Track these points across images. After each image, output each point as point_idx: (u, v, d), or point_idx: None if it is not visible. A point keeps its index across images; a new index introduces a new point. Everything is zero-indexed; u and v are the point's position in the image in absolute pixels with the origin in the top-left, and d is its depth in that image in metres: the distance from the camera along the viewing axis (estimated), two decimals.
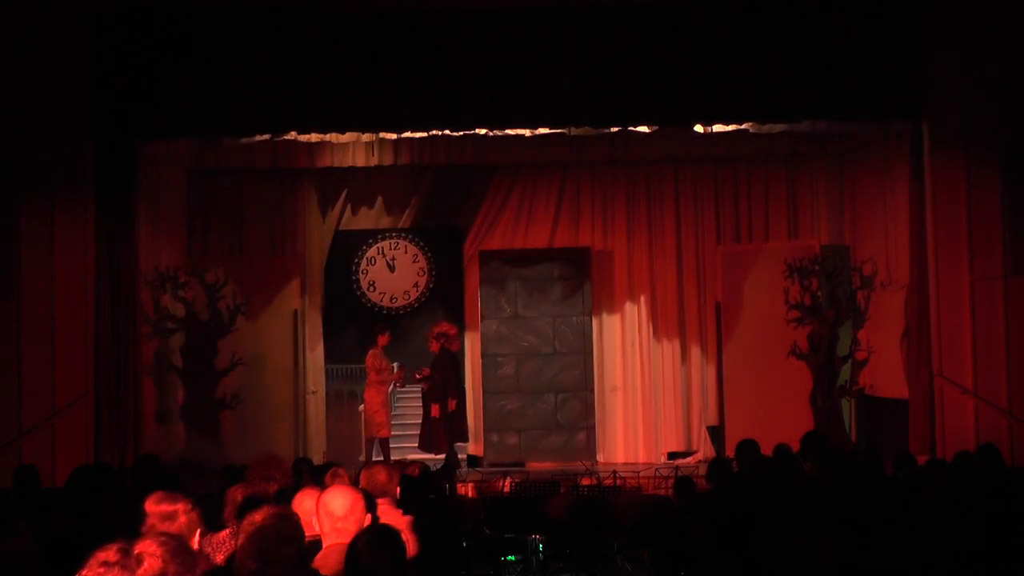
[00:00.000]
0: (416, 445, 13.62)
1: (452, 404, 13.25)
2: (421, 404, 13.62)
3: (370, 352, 13.47)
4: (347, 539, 4.30)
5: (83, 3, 11.74)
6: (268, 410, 14.00)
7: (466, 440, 13.79)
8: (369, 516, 4.48)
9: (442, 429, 13.20)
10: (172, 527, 4.60)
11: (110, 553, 3.51)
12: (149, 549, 3.63)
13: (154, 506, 4.68)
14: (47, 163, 11.63)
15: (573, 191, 15.00)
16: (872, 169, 13.68)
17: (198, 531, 4.80)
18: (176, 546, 3.72)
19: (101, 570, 3.47)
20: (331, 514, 4.33)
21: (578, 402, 14.35)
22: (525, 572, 10.02)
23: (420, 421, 13.62)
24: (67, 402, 11.53)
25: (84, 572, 3.49)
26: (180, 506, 4.68)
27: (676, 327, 14.78)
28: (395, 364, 13.75)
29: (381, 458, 12.96)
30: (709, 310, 14.75)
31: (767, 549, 5.56)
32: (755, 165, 14.80)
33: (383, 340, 13.48)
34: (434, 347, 13.39)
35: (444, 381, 13.30)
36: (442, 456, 13.06)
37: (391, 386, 13.66)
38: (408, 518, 5.80)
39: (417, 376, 13.38)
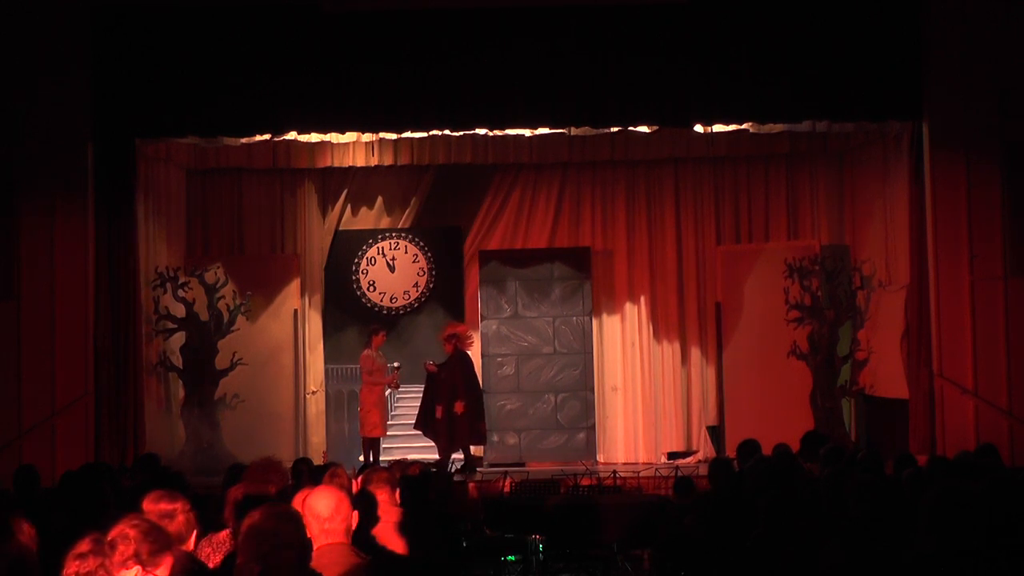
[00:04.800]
0: (415, 444, 13.62)
1: (459, 407, 13.14)
2: (421, 401, 13.49)
3: (364, 352, 13.44)
4: (336, 539, 4.32)
5: (83, 3, 11.75)
6: (268, 410, 14.00)
7: (484, 442, 13.66)
8: (356, 514, 4.49)
9: (445, 431, 13.13)
10: (170, 527, 4.61)
11: (83, 545, 3.59)
12: (122, 532, 3.70)
13: (152, 505, 4.69)
14: (47, 163, 11.65)
15: (573, 191, 15.00)
16: (872, 169, 13.68)
17: (195, 531, 4.81)
18: (148, 527, 3.78)
19: (76, 564, 3.55)
20: (318, 516, 4.34)
21: (578, 402, 14.36)
22: (525, 572, 10.02)
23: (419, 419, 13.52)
24: (67, 402, 11.54)
25: (64, 572, 3.55)
26: (178, 505, 4.70)
27: (676, 327, 14.78)
28: (393, 365, 13.64)
29: (383, 458, 12.95)
30: (709, 310, 14.75)
31: (767, 549, 5.56)
32: (755, 165, 14.81)
33: (377, 341, 13.44)
34: (448, 348, 13.29)
35: (451, 382, 13.20)
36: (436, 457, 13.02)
37: (386, 388, 13.59)
38: (398, 517, 5.80)
39: (427, 366, 13.25)
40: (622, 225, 14.91)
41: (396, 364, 13.51)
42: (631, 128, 12.55)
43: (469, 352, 13.42)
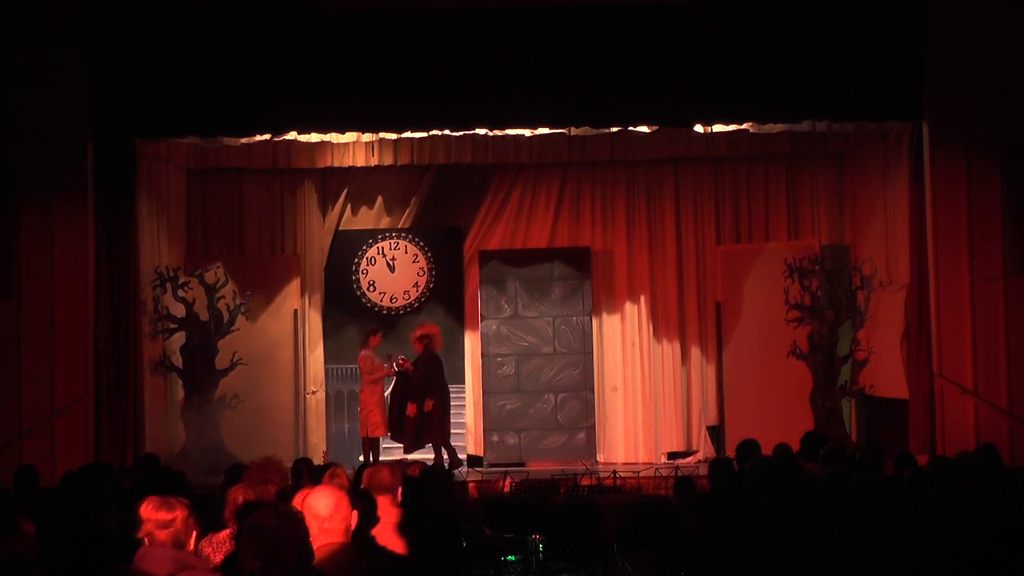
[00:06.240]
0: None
1: (429, 405, 13.21)
2: (390, 400, 13.54)
3: (361, 353, 13.44)
4: (335, 539, 4.32)
5: (83, 3, 11.75)
6: (268, 410, 14.00)
7: (448, 441, 13.65)
8: (356, 514, 4.49)
9: (414, 428, 13.22)
10: (168, 532, 4.60)
11: None
12: None
13: (152, 513, 4.67)
14: (47, 163, 11.65)
15: (573, 191, 14.99)
16: (872, 169, 13.68)
17: (194, 534, 4.80)
18: None
19: None
20: (317, 515, 4.35)
21: (578, 402, 14.35)
22: (525, 572, 10.01)
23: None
24: (67, 402, 11.55)
25: None
26: (177, 513, 4.67)
27: (676, 327, 14.77)
28: (388, 362, 13.59)
29: (382, 458, 12.96)
30: (709, 310, 14.75)
31: (767, 549, 5.56)
32: (755, 165, 14.80)
33: (375, 341, 13.45)
34: (418, 348, 13.41)
35: (424, 381, 13.29)
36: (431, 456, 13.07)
37: (390, 384, 13.59)
38: (398, 517, 5.80)
39: (399, 362, 13.32)
40: (622, 225, 14.90)
41: (389, 360, 13.47)
42: (631, 128, 12.55)
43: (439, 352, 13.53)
